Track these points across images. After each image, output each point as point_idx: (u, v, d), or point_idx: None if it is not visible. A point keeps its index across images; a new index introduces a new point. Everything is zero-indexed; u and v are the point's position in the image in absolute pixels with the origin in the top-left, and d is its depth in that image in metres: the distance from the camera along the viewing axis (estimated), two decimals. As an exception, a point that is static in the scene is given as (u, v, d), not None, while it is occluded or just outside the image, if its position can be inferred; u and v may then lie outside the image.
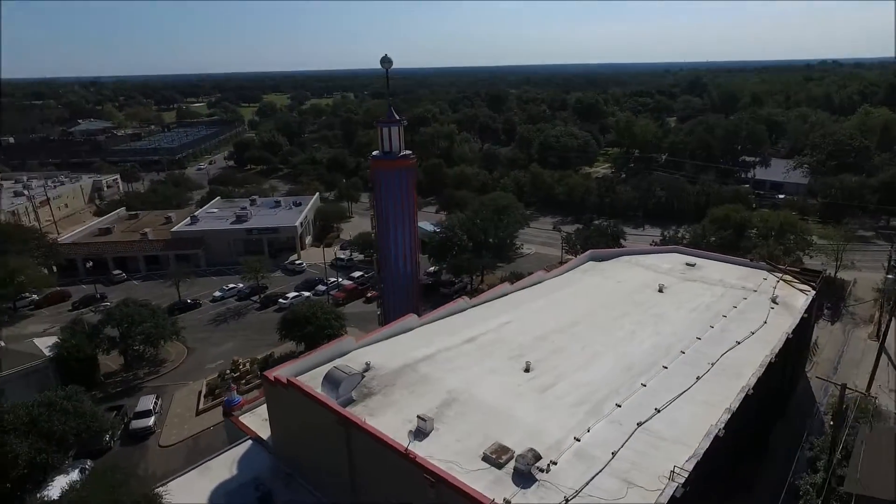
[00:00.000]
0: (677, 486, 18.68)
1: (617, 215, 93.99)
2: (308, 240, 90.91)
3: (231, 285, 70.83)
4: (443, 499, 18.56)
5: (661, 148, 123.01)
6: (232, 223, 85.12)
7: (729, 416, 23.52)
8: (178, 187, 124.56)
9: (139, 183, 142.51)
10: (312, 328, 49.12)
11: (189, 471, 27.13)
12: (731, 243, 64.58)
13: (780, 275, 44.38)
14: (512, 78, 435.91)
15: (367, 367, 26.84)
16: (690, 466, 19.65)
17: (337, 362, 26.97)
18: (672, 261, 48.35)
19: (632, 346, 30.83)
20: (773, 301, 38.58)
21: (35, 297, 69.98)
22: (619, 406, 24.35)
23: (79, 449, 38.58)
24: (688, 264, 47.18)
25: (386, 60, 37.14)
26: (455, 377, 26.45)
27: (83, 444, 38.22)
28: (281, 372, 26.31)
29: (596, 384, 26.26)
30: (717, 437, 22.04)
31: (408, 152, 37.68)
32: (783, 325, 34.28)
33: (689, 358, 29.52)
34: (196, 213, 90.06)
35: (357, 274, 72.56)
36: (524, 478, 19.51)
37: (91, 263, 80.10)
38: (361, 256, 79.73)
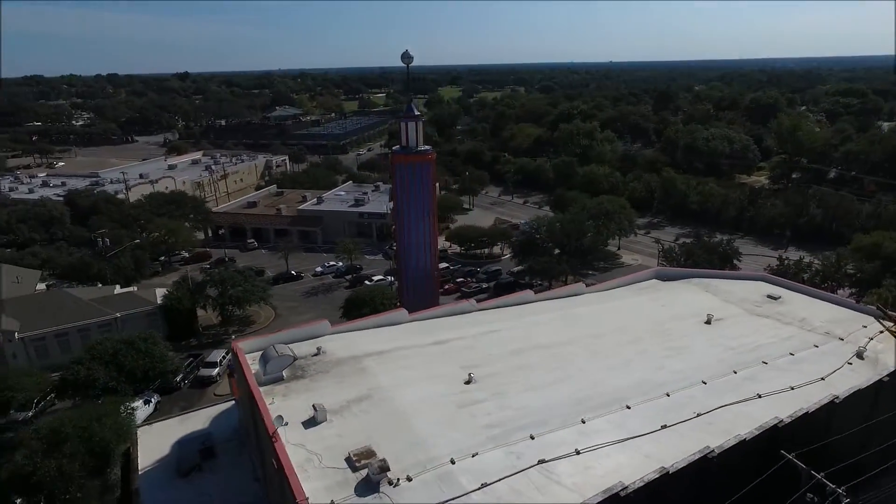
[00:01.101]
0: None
1: (757, 232, 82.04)
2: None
3: (331, 263, 77.04)
4: (283, 486, 18.91)
5: (833, 158, 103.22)
6: (350, 206, 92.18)
7: (657, 476, 19.92)
8: (328, 170, 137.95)
9: (303, 164, 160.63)
10: (368, 310, 51.67)
11: (172, 417, 30.93)
12: (872, 280, 52.71)
13: (890, 325, 35.33)
14: (710, 73, 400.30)
15: (316, 352, 27.86)
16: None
17: (296, 341, 28.51)
18: (752, 290, 41.28)
19: (612, 377, 27.36)
20: (859, 356, 31.08)
21: (186, 254, 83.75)
22: (533, 438, 22.01)
23: (152, 384, 45.76)
24: (770, 296, 39.89)
25: (406, 57, 37.25)
26: (389, 376, 26.20)
27: (154, 381, 45.33)
28: (246, 343, 28.60)
29: (529, 411, 23.99)
30: (617, 495, 18.89)
31: (427, 147, 37.52)
32: (847, 384, 27.56)
33: (672, 402, 25.32)
34: (324, 195, 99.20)
35: (442, 265, 73.84)
36: (368, 486, 18.92)
37: (222, 231, 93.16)
38: (458, 248, 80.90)
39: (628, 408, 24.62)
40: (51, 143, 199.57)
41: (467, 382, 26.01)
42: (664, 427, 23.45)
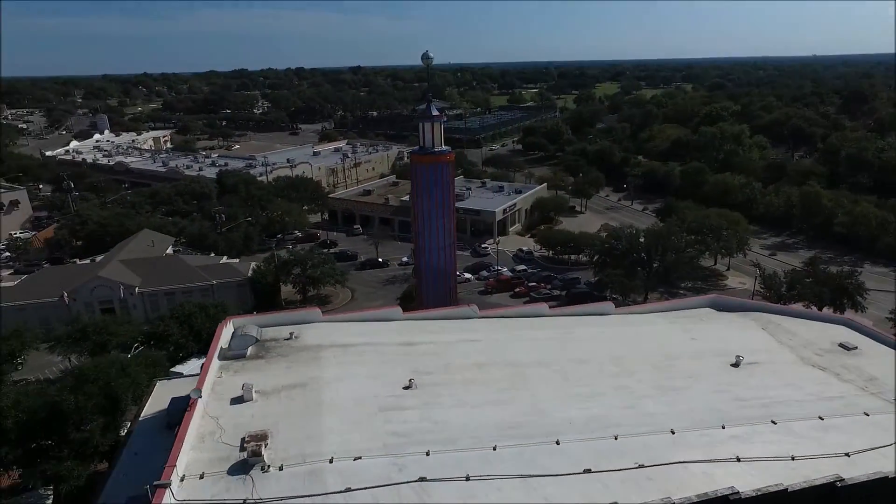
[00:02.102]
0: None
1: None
2: (516, 227, 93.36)
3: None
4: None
5: None
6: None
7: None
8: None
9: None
10: (417, 304, 53.14)
11: (189, 377, 35.11)
12: None
13: None
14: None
15: (289, 337, 29.72)
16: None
17: (274, 324, 30.76)
18: (825, 335, 34.76)
19: (564, 407, 25.25)
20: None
21: (298, 234, 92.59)
22: (428, 455, 21.33)
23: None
24: (843, 345, 33.27)
25: (426, 57, 36.84)
26: (336, 369, 27.06)
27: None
28: (241, 319, 31.53)
29: (446, 426, 23.25)
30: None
31: (446, 148, 36.94)
32: (871, 469, 22.42)
33: (615, 446, 22.69)
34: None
35: (521, 267, 72.34)
36: (241, 467, 20.06)
37: (325, 216, 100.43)
38: (546, 252, 78.54)
39: (557, 443, 22.61)
40: (234, 128, 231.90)
41: (406, 388, 25.89)
42: (586, 472, 21.21)
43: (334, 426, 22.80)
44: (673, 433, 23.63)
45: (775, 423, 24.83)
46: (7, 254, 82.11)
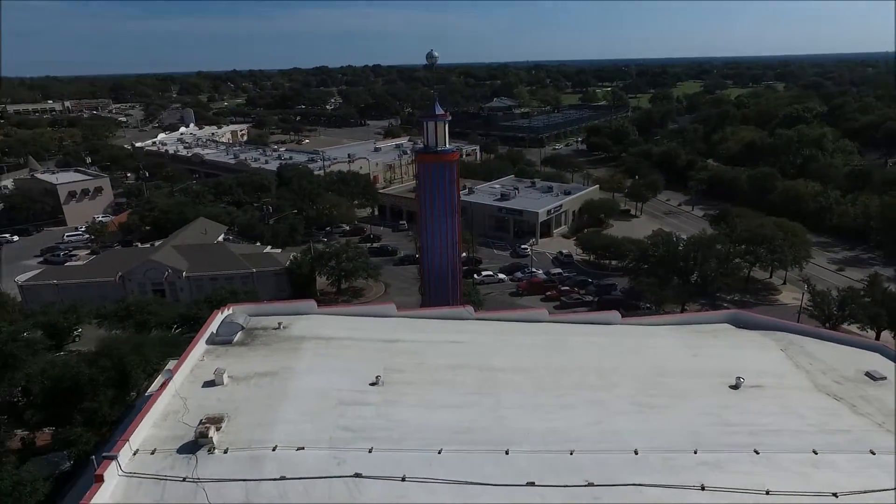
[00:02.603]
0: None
1: None
2: (562, 229, 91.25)
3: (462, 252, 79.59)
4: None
5: None
6: (495, 200, 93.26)
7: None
8: (507, 162, 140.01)
9: (490, 155, 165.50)
10: None
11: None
12: None
13: None
14: None
15: (277, 327, 30.84)
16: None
17: (267, 315, 32.04)
18: (852, 361, 31.77)
19: (527, 417, 24.63)
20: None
21: (346, 227, 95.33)
22: (371, 452, 21.47)
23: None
24: (870, 374, 30.30)
25: (430, 57, 36.51)
26: (310, 361, 27.75)
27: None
28: (241, 307, 33.09)
29: (398, 425, 23.34)
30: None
31: (451, 147, 36.53)
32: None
33: (568, 462, 21.89)
34: (477, 186, 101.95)
35: (556, 270, 70.72)
36: (190, 447, 21.11)
37: (375, 211, 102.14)
38: (587, 257, 76.31)
39: (506, 453, 22.10)
40: (307, 123, 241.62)
41: (372, 384, 26.18)
42: (529, 484, 20.65)
43: (289, 416, 23.47)
44: (636, 453, 22.43)
45: (758, 453, 22.98)
46: (86, 235, 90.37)
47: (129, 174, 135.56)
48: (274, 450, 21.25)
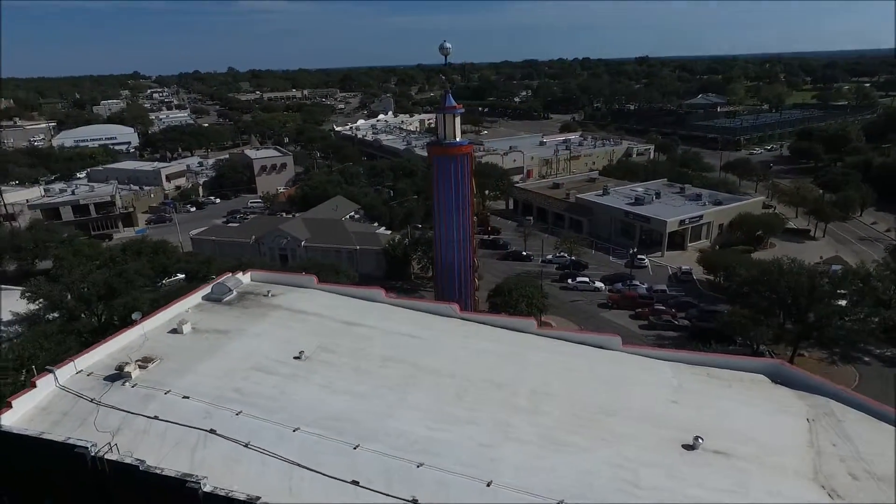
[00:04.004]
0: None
1: None
2: (702, 243, 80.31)
3: (562, 254, 75.92)
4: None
5: None
6: (626, 203, 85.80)
7: None
8: (674, 164, 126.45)
9: (663, 156, 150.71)
10: (500, 299, 52.68)
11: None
12: None
13: None
14: None
15: (265, 294, 34.09)
16: None
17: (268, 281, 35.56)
18: (900, 455, 23.71)
19: (410, 420, 23.74)
20: None
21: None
22: (237, 415, 23.02)
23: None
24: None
25: (442, 48, 34.43)
26: (262, 328, 30.01)
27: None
28: (259, 273, 37.39)
29: (280, 398, 24.48)
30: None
31: (464, 140, 34.56)
32: None
33: (413, 473, 20.87)
34: (615, 188, 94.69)
35: (659, 287, 63.03)
36: (114, 376, 25.16)
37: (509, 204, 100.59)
38: (711, 277, 66.57)
39: (355, 447, 21.83)
40: (492, 115, 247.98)
41: (296, 357, 27.67)
42: (354, 483, 20.43)
43: (203, 369, 26.27)
44: (488, 486, 20.33)
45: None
46: (261, 203, 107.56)
47: (318, 153, 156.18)
48: (166, 393, 24.23)
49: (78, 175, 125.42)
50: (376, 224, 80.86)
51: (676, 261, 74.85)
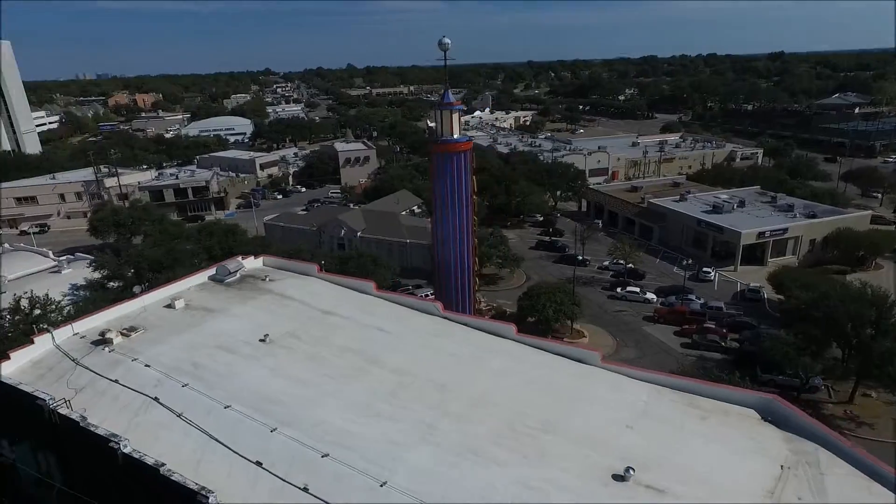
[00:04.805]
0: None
1: None
2: (788, 258, 71.96)
3: (621, 262, 71.70)
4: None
5: None
6: (703, 211, 78.92)
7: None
8: (777, 170, 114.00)
9: (769, 161, 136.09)
10: (536, 303, 51.81)
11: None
12: None
13: None
14: None
15: (263, 279, 36.05)
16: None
17: (276, 267, 37.58)
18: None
19: (331, 410, 24.08)
20: None
21: (539, 217, 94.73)
22: (183, 387, 24.75)
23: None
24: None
25: (442, 44, 33.01)
26: (244, 310, 31.73)
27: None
28: (271, 259, 39.71)
29: (227, 376, 25.92)
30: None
31: (463, 137, 33.31)
32: None
33: (303, 459, 21.29)
34: (696, 194, 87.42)
35: (716, 304, 57.53)
36: (97, 342, 28.10)
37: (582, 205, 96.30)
38: (781, 297, 59.65)
39: (273, 430, 22.60)
40: (594, 113, 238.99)
41: (261, 340, 29.04)
42: (257, 463, 21.32)
43: (175, 343, 28.45)
44: (382, 485, 20.22)
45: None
46: (339, 194, 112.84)
47: (398, 147, 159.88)
48: (133, 361, 26.66)
49: (196, 160, 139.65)
50: (429, 219, 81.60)
51: (750, 277, 67.72)
